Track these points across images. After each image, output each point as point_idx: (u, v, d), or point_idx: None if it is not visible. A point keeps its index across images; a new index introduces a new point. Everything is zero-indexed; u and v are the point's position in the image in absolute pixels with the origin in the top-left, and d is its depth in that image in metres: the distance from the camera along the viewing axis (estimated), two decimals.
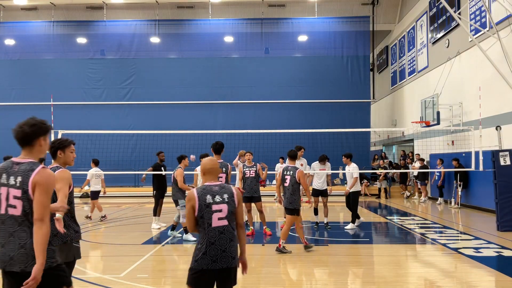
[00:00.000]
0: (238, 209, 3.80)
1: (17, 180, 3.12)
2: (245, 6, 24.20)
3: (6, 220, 3.13)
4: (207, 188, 3.76)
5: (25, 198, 3.10)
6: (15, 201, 3.11)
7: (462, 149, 15.16)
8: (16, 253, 3.06)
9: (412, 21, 21.58)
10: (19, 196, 3.10)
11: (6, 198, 3.14)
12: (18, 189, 3.11)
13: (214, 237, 3.66)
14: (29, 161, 3.20)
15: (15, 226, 3.10)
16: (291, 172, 8.16)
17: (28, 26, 24.50)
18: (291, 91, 23.17)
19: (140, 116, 22.88)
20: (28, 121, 3.26)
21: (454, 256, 7.93)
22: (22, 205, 3.10)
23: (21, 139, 3.24)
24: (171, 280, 6.64)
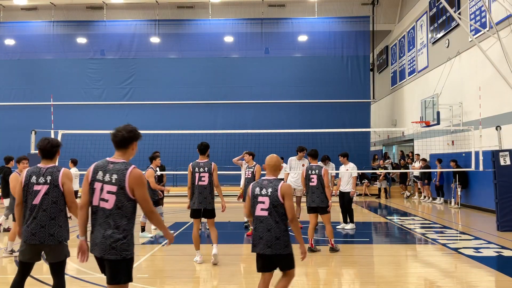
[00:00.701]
0: (285, 204, 4.29)
1: (113, 177, 3.59)
2: (245, 6, 24.20)
3: (97, 211, 3.61)
4: (260, 181, 4.45)
5: (121, 193, 3.56)
6: (108, 196, 3.57)
7: (462, 149, 15.16)
8: (99, 241, 3.56)
9: (412, 21, 21.59)
10: (114, 192, 3.56)
11: (99, 193, 3.60)
12: (113, 185, 3.57)
13: (256, 225, 4.37)
14: (123, 161, 3.72)
15: (103, 218, 3.57)
16: (316, 171, 8.12)
17: (28, 26, 24.49)
18: (291, 91, 23.16)
19: (140, 116, 22.85)
20: (125, 127, 3.84)
21: (454, 256, 7.93)
22: (115, 200, 3.55)
23: (119, 142, 3.79)
24: (171, 280, 6.64)
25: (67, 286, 6.06)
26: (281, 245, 4.30)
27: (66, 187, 4.34)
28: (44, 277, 6.58)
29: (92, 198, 3.65)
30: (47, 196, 4.28)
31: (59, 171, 4.37)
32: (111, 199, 3.56)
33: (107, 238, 3.54)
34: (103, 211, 3.58)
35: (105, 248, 3.54)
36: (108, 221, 3.56)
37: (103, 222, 3.57)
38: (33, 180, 4.34)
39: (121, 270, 3.62)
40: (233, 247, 9.11)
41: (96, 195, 3.62)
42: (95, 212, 3.63)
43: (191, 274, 6.95)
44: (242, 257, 8.29)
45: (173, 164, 18.24)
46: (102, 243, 3.55)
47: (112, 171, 3.63)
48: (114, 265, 3.57)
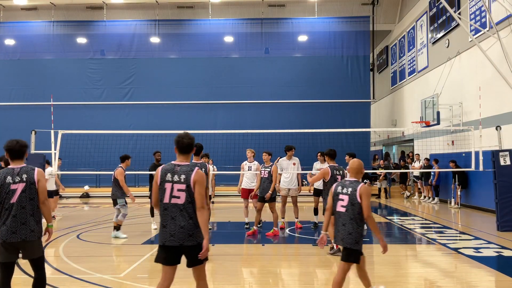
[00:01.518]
0: (362, 204, 4.85)
1: (181, 177, 4.16)
2: (245, 6, 24.20)
3: (169, 208, 4.14)
4: (343, 181, 5.12)
5: (188, 191, 4.13)
6: (179, 193, 4.14)
7: (462, 149, 15.16)
8: (177, 232, 4.08)
9: (412, 21, 21.59)
10: (183, 189, 4.14)
11: (170, 191, 4.14)
12: (182, 184, 4.14)
13: (336, 219, 5.05)
14: (187, 164, 4.29)
15: (177, 212, 4.12)
16: (341, 172, 7.97)
17: (28, 26, 24.49)
18: (291, 91, 23.16)
19: (140, 116, 22.87)
20: (187, 135, 4.46)
21: (454, 256, 7.93)
22: (185, 196, 4.13)
23: (184, 148, 4.33)
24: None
25: (67, 286, 6.08)
26: (352, 240, 4.86)
27: (40, 184, 4.54)
28: None
29: (163, 197, 4.17)
30: (24, 193, 4.44)
31: (34, 170, 4.57)
32: (182, 195, 4.13)
33: (184, 228, 4.09)
34: (176, 206, 4.13)
35: (184, 237, 4.09)
36: (183, 214, 4.11)
37: (178, 215, 4.11)
38: (9, 180, 4.44)
39: (198, 253, 4.14)
40: (233, 247, 9.10)
41: (167, 194, 4.16)
42: (166, 208, 4.15)
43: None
44: (242, 257, 8.29)
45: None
46: (180, 233, 4.09)
47: (180, 172, 4.19)
48: (193, 250, 4.13)
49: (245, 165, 10.99)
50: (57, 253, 8.25)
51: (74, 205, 17.70)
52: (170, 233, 4.11)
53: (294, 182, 10.78)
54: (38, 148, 11.06)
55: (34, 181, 4.49)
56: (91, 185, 21.65)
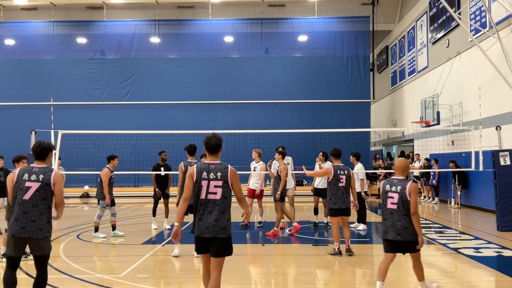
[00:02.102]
0: (411, 200, 5.27)
1: (217, 174, 4.52)
2: (245, 6, 24.20)
3: (205, 203, 4.50)
4: (391, 179, 5.50)
5: (225, 187, 4.51)
6: (215, 189, 4.49)
7: (462, 149, 15.16)
8: (212, 225, 4.45)
9: (412, 21, 21.59)
10: (220, 185, 4.50)
11: (207, 188, 4.49)
12: (219, 180, 4.50)
13: (386, 216, 5.42)
14: (219, 162, 4.64)
15: (213, 207, 4.48)
16: (346, 172, 7.91)
17: (28, 26, 24.50)
18: (291, 91, 23.17)
19: (140, 116, 22.88)
20: (215, 135, 4.76)
21: (454, 256, 7.93)
22: (222, 192, 4.49)
23: (213, 149, 4.68)
24: (171, 280, 6.64)
25: (67, 286, 6.08)
26: (409, 233, 5.34)
27: (57, 187, 4.72)
28: None
29: (200, 193, 4.51)
30: (38, 193, 4.63)
31: (51, 172, 4.75)
32: (218, 191, 4.50)
33: (219, 222, 4.46)
34: (213, 202, 4.49)
35: (218, 230, 4.45)
36: (218, 209, 4.48)
37: (214, 210, 4.48)
38: (25, 178, 4.67)
39: (229, 245, 4.57)
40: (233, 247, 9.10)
41: (203, 191, 4.51)
42: (203, 204, 4.52)
43: (191, 274, 6.95)
44: (242, 257, 8.29)
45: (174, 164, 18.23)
46: (214, 226, 4.45)
47: (215, 170, 4.55)
48: (224, 242, 4.51)
49: (252, 166, 11.19)
50: (57, 253, 8.25)
51: (74, 205, 17.70)
52: (205, 226, 4.46)
53: (290, 182, 10.77)
54: None
55: (50, 183, 4.67)
56: (91, 185, 21.63)
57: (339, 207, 7.77)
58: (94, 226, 9.82)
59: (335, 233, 7.84)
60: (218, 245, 4.49)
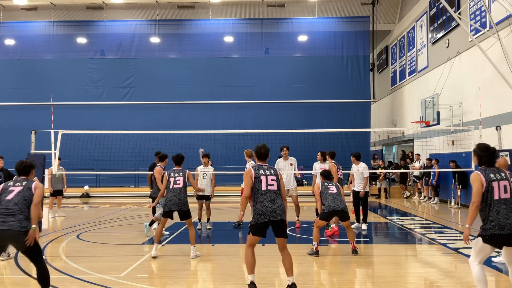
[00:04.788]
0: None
1: (271, 171, 5.69)
2: (245, 6, 24.21)
3: (267, 193, 5.55)
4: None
5: (278, 181, 5.67)
6: (273, 182, 5.62)
7: (462, 149, 15.16)
8: (278, 209, 5.50)
9: (412, 21, 21.59)
10: (275, 179, 5.66)
11: (266, 181, 5.58)
12: (274, 175, 5.67)
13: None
14: (267, 164, 5.83)
15: (273, 195, 5.56)
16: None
17: (28, 26, 24.50)
18: (291, 91, 23.17)
19: (140, 116, 22.89)
20: (264, 145, 5.85)
21: (454, 256, 7.93)
22: (277, 185, 5.63)
23: (263, 156, 5.83)
24: (171, 280, 6.63)
25: (67, 286, 6.08)
26: None
27: (37, 191, 5.29)
28: None
29: (260, 186, 5.54)
30: (20, 193, 5.21)
31: (33, 182, 5.41)
32: (275, 184, 5.62)
33: (282, 206, 5.56)
34: (273, 192, 5.57)
35: (283, 213, 5.54)
36: (277, 197, 5.58)
37: (275, 197, 5.55)
38: (10, 184, 5.39)
39: (286, 227, 5.66)
40: (233, 247, 9.11)
41: (263, 184, 5.56)
42: (265, 194, 5.53)
43: (191, 274, 6.95)
44: (242, 257, 8.29)
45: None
46: (280, 210, 5.51)
47: (269, 169, 5.72)
48: (284, 223, 5.57)
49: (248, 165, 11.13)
50: (57, 253, 8.25)
51: (74, 205, 17.70)
52: (273, 210, 5.46)
53: (292, 182, 10.76)
54: (38, 148, 11.05)
55: (31, 187, 5.28)
56: (91, 185, 21.65)
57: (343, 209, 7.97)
58: (153, 220, 9.93)
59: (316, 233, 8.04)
60: (281, 226, 5.56)
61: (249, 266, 5.66)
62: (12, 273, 6.91)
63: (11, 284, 6.48)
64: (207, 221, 10.86)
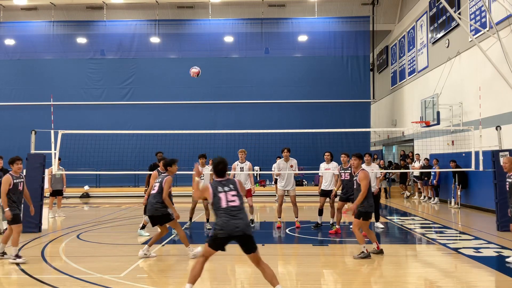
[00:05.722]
0: None
1: (231, 186, 5.30)
2: (245, 6, 24.21)
3: (228, 209, 5.17)
4: None
5: (238, 195, 5.30)
6: (233, 198, 5.23)
7: (462, 149, 15.16)
8: (240, 224, 5.13)
9: (412, 21, 21.58)
10: (235, 194, 5.26)
11: (226, 198, 5.20)
12: (236, 190, 5.32)
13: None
14: (227, 179, 5.43)
15: (236, 211, 5.16)
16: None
17: (28, 26, 24.50)
18: (291, 91, 23.17)
19: (140, 116, 22.89)
20: (221, 160, 5.42)
21: (454, 256, 7.93)
22: (238, 200, 5.26)
23: (222, 171, 5.40)
24: (171, 280, 6.64)
25: (67, 286, 6.08)
26: None
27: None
28: (44, 277, 6.58)
29: (220, 204, 5.20)
30: None
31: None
32: (236, 199, 5.25)
33: (244, 221, 5.15)
34: (235, 207, 5.19)
35: (248, 227, 5.19)
36: (241, 212, 5.18)
37: (237, 213, 5.17)
38: None
39: (252, 241, 5.23)
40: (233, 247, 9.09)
41: (223, 201, 5.22)
42: (225, 210, 5.15)
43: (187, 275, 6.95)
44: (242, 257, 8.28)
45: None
46: (245, 225, 5.13)
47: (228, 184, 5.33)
48: (250, 238, 5.18)
49: (237, 166, 10.91)
50: (57, 253, 8.25)
51: (74, 205, 17.70)
52: (235, 226, 5.12)
53: (292, 183, 10.75)
54: (38, 148, 11.05)
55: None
56: (91, 185, 21.65)
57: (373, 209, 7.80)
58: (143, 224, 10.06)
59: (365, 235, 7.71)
60: (247, 243, 5.24)
61: (192, 275, 5.27)
62: (12, 273, 6.91)
63: (10, 284, 6.48)
64: (207, 221, 10.86)
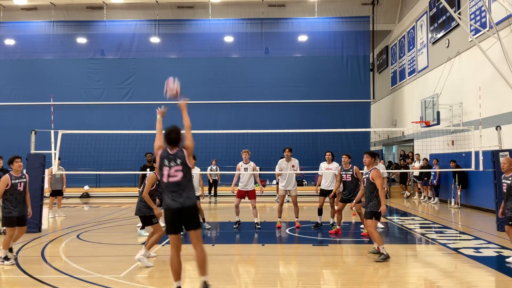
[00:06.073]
0: None
1: (178, 161, 5.19)
2: (245, 6, 24.21)
3: (168, 185, 5.05)
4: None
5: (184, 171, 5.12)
6: (176, 173, 5.07)
7: (462, 149, 15.16)
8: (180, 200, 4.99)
9: (412, 21, 21.58)
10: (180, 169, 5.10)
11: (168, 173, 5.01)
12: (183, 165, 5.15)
13: None
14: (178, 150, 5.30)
15: (176, 187, 5.02)
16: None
17: (28, 26, 24.50)
18: (291, 91, 23.17)
19: (140, 116, 22.86)
20: (174, 128, 5.49)
21: (454, 256, 7.93)
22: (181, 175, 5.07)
23: (174, 140, 5.43)
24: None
25: (67, 286, 6.09)
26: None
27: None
28: (44, 277, 6.58)
29: (162, 179, 5.10)
30: None
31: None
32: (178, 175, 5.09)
33: (184, 197, 4.98)
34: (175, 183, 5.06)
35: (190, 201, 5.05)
36: (182, 188, 5.06)
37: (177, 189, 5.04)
38: None
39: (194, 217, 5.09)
40: (233, 247, 9.11)
41: (165, 176, 5.05)
42: (166, 186, 5.05)
43: (191, 274, 6.95)
44: (242, 257, 8.30)
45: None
46: (186, 200, 4.99)
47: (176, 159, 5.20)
48: (190, 212, 5.00)
49: (241, 167, 10.80)
50: (57, 253, 8.25)
51: (74, 205, 17.70)
52: (175, 201, 4.99)
53: (293, 183, 10.75)
54: (38, 148, 11.05)
55: None
56: (91, 185, 21.65)
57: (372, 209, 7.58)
58: None
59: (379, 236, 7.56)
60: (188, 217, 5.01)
61: (173, 271, 5.12)
62: (12, 273, 6.91)
63: (10, 284, 6.48)
64: (203, 221, 10.84)
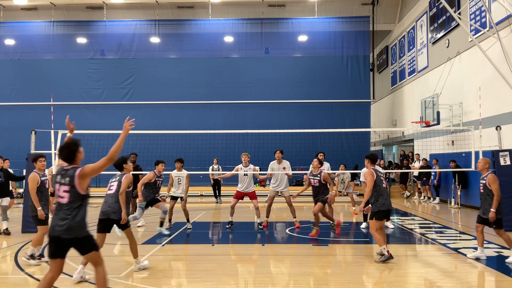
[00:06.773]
0: None
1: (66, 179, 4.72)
2: (245, 6, 24.21)
3: (56, 205, 4.54)
4: None
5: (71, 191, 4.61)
6: (63, 194, 4.60)
7: (462, 149, 15.16)
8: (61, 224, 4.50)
9: (412, 21, 21.59)
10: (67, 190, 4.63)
11: (57, 193, 4.59)
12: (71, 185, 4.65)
13: None
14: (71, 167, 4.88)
15: (60, 208, 4.56)
16: (382, 174, 7.72)
17: (28, 26, 24.50)
18: (291, 91, 23.17)
19: (140, 116, 22.84)
20: (72, 142, 4.98)
21: (454, 256, 7.93)
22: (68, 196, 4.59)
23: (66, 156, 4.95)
24: (171, 280, 6.63)
25: (67, 286, 6.08)
26: None
27: None
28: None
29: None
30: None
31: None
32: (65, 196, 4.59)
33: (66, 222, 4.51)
34: (61, 205, 4.61)
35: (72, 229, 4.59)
36: (64, 211, 4.60)
37: (59, 212, 4.60)
38: None
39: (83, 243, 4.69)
40: (233, 247, 9.11)
41: (56, 195, 4.63)
42: (55, 206, 4.61)
43: (191, 274, 6.95)
44: (242, 257, 8.30)
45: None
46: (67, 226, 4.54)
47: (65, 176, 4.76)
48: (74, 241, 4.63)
49: (241, 170, 10.68)
50: None
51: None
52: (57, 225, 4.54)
53: (284, 184, 10.78)
54: (38, 148, 11.06)
55: None
56: (91, 185, 21.58)
57: (387, 208, 7.49)
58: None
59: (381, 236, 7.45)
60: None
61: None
62: (12, 273, 6.91)
63: (11, 284, 6.48)
64: (187, 221, 10.78)
